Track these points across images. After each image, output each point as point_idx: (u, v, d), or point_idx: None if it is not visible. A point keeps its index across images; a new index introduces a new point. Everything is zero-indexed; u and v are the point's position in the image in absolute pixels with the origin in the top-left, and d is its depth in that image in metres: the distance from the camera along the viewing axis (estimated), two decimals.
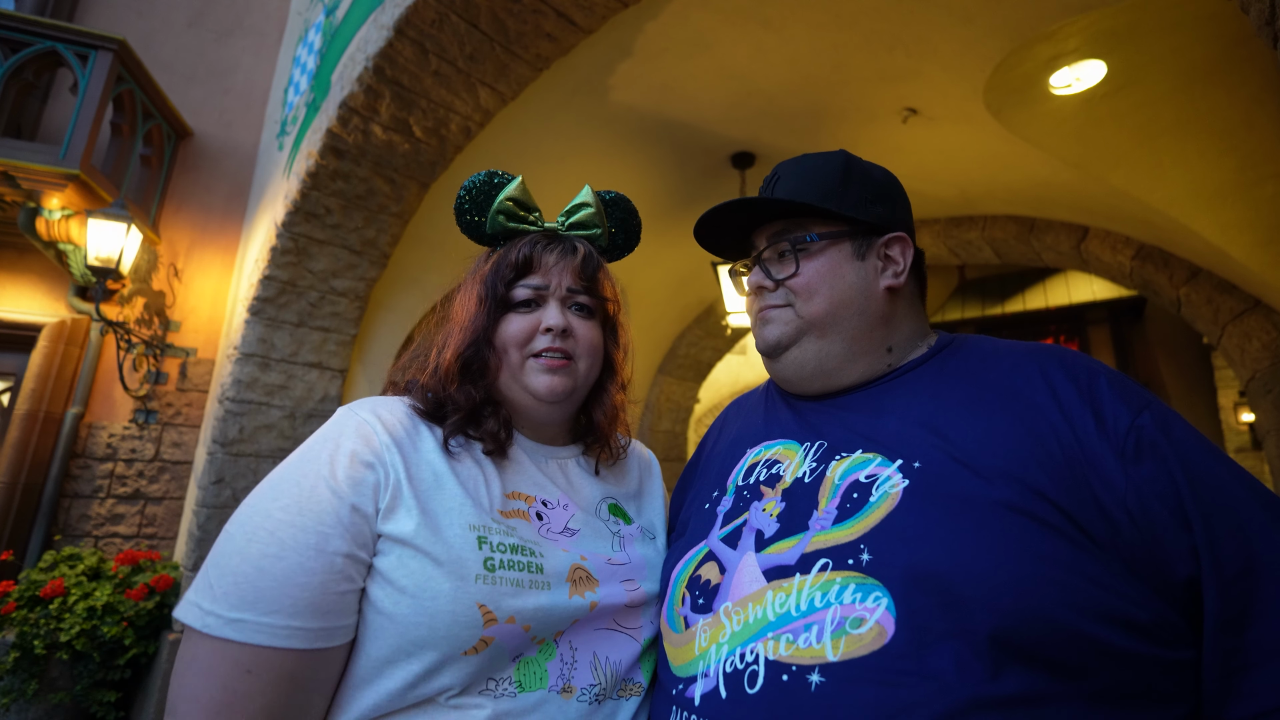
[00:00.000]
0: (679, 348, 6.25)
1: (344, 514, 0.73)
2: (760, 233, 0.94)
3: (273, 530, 0.70)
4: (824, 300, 0.86)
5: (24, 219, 3.83)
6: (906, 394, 0.82)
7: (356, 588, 0.73)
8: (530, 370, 0.90)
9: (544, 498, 0.88)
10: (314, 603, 0.69)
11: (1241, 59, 2.60)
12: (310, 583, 0.69)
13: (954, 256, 5.11)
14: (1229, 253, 3.32)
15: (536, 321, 0.90)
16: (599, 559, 0.85)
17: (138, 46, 4.30)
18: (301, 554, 0.70)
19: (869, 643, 0.62)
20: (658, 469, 1.12)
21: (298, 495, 0.73)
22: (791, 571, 0.71)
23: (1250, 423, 8.11)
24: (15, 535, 3.87)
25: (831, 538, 0.71)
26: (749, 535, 0.79)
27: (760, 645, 0.68)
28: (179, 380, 4.44)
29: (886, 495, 0.70)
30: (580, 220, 0.98)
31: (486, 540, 0.76)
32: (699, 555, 0.84)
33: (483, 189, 0.96)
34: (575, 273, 0.94)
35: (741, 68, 3.17)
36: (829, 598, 0.66)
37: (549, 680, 0.76)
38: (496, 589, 0.73)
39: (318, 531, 0.71)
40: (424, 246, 3.77)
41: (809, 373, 0.88)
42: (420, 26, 2.59)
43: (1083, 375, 0.74)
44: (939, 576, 0.62)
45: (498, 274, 0.92)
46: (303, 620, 0.68)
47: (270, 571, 0.68)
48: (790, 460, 0.84)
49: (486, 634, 0.72)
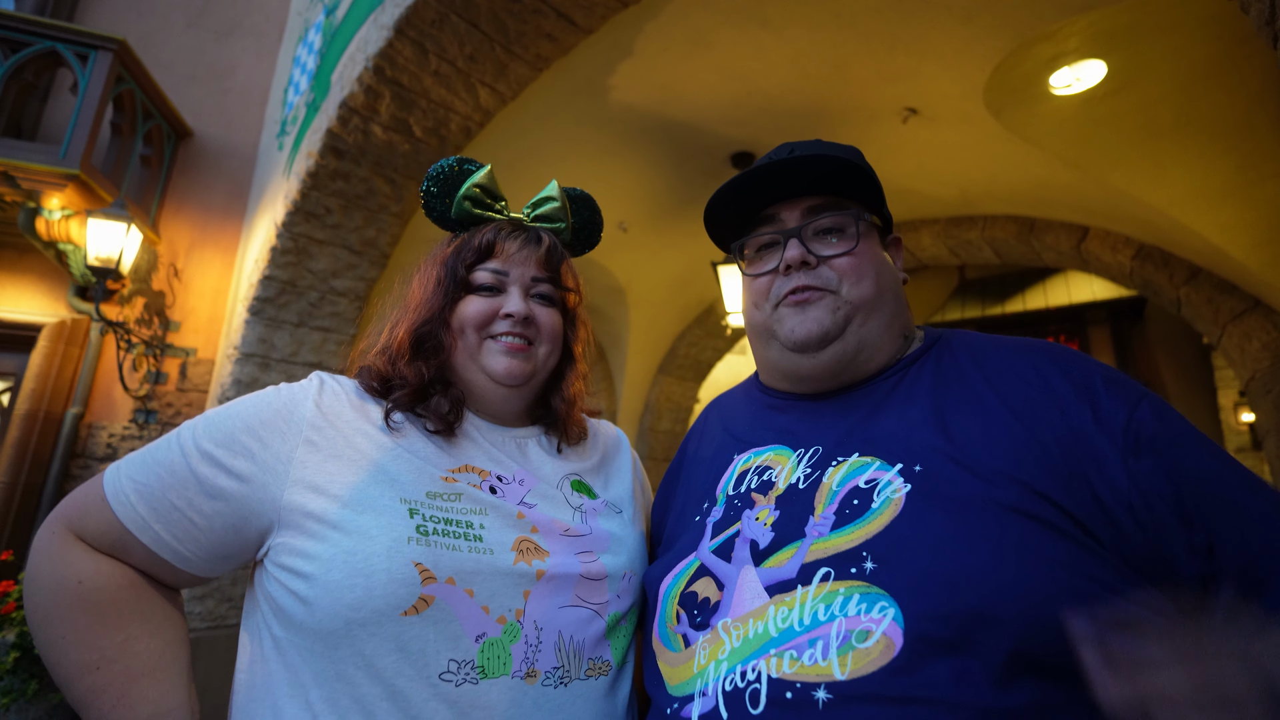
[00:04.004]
0: (679, 348, 6.25)
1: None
2: (785, 206, 0.86)
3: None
4: (873, 282, 0.82)
5: (24, 219, 3.83)
6: (904, 390, 0.80)
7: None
8: (489, 351, 0.91)
9: (499, 473, 0.88)
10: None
11: (1242, 59, 2.60)
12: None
13: (954, 256, 5.11)
14: (1229, 253, 3.31)
15: (496, 306, 0.91)
16: (553, 529, 0.85)
17: (138, 46, 4.29)
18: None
19: (876, 657, 0.60)
20: (626, 445, 1.12)
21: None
22: (793, 585, 0.68)
23: (1250, 423, 8.10)
24: (15, 535, 3.87)
25: (831, 545, 0.68)
26: (743, 546, 0.76)
27: (762, 662, 0.65)
28: (179, 380, 4.44)
29: (889, 501, 0.68)
30: (545, 213, 0.99)
31: (418, 512, 0.77)
32: (690, 569, 0.80)
33: (450, 174, 0.97)
34: (540, 262, 0.95)
35: (741, 68, 3.17)
36: (833, 610, 0.64)
37: (512, 665, 0.74)
38: (433, 550, 0.74)
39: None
40: (424, 246, 3.70)
41: (843, 366, 0.82)
42: (420, 26, 2.59)
43: (1076, 371, 0.73)
44: (947, 585, 0.61)
45: (459, 256, 0.93)
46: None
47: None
48: (782, 466, 0.81)
49: (426, 592, 0.71)
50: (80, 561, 0.76)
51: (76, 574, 0.75)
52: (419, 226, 3.64)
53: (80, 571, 0.76)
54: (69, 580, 0.75)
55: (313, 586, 0.72)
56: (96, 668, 0.73)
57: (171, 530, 0.77)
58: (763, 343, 0.90)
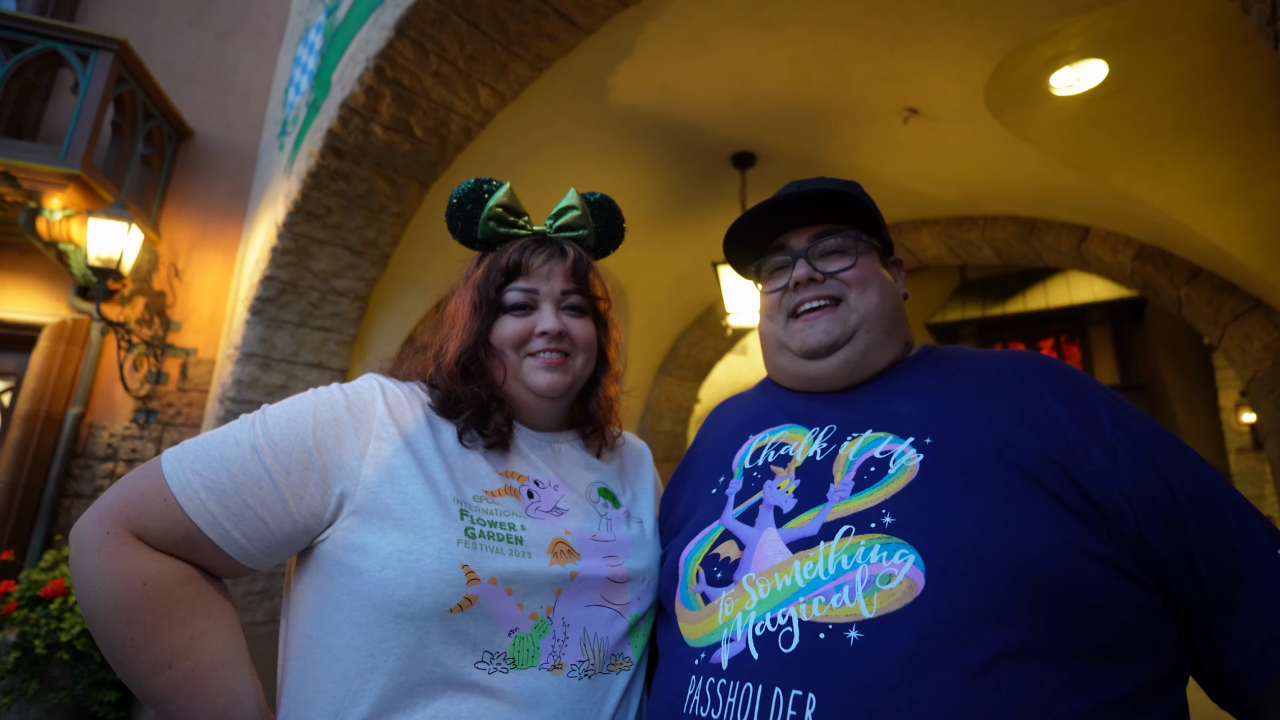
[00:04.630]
0: (679, 348, 6.25)
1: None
2: (793, 234, 0.97)
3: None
4: (876, 293, 0.92)
5: (25, 219, 3.83)
6: (910, 383, 0.88)
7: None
8: (529, 369, 0.95)
9: (536, 478, 0.94)
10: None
11: (1242, 59, 2.60)
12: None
13: (954, 257, 5.11)
14: (1230, 253, 3.31)
15: (531, 325, 0.95)
16: (583, 535, 0.90)
17: (138, 47, 4.30)
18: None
19: (901, 596, 0.65)
20: (649, 459, 1.17)
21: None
22: (815, 541, 0.73)
23: (1251, 423, 8.10)
24: (16, 535, 3.87)
25: (852, 506, 0.74)
26: (766, 512, 0.81)
27: (793, 609, 0.70)
28: (179, 380, 4.44)
29: (905, 468, 0.74)
30: (568, 222, 1.02)
31: (468, 514, 0.82)
32: (714, 534, 0.85)
33: (471, 197, 1.00)
34: (567, 275, 0.98)
35: (742, 68, 3.17)
36: (855, 559, 0.69)
37: (540, 658, 0.79)
38: (478, 553, 0.79)
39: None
40: (424, 246, 3.77)
41: (850, 369, 0.90)
42: (421, 26, 2.59)
43: (1056, 376, 0.82)
44: (964, 535, 0.66)
45: (489, 279, 0.97)
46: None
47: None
48: (799, 442, 0.87)
49: (470, 592, 0.76)
50: (142, 562, 0.76)
51: (141, 575, 0.75)
52: (419, 226, 3.65)
53: (144, 573, 0.75)
54: (134, 582, 0.75)
55: (365, 582, 0.76)
56: (169, 666, 0.75)
57: (242, 528, 0.78)
58: (775, 352, 0.99)
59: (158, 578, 0.76)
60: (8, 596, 3.33)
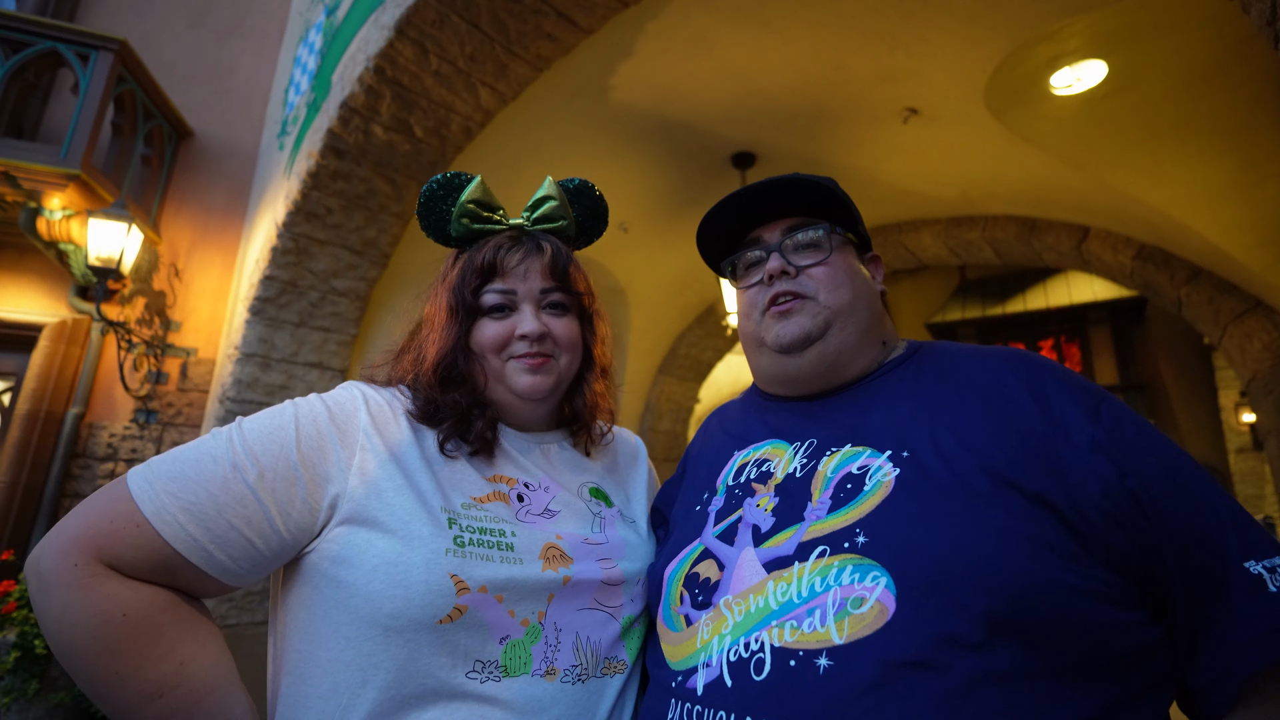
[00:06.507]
0: (679, 348, 6.25)
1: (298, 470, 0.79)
2: (767, 228, 0.96)
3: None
4: (848, 289, 0.90)
5: (25, 219, 3.83)
6: (888, 391, 0.86)
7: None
8: (511, 372, 0.91)
9: (526, 480, 0.91)
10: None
11: (1242, 59, 2.60)
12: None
13: (954, 256, 5.11)
14: (1230, 253, 3.32)
15: (511, 327, 0.91)
16: (575, 538, 0.88)
17: (138, 47, 4.29)
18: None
19: (871, 621, 0.64)
20: (644, 455, 1.13)
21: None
22: (790, 561, 0.73)
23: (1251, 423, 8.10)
24: (16, 535, 3.87)
25: (828, 525, 0.73)
26: (745, 531, 0.80)
27: (765, 633, 0.69)
28: (179, 380, 4.44)
29: (880, 484, 0.73)
30: (545, 214, 0.97)
31: (456, 522, 0.79)
32: (694, 553, 0.85)
33: (440, 193, 0.95)
34: (545, 272, 0.93)
35: (742, 68, 3.17)
36: (828, 580, 0.68)
37: (532, 664, 0.78)
38: (468, 561, 0.76)
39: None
40: (424, 247, 3.77)
41: (827, 367, 0.89)
42: (421, 26, 2.59)
43: (1035, 375, 0.79)
44: (934, 555, 0.65)
45: (464, 281, 0.92)
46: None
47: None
48: (780, 458, 0.86)
49: (460, 602, 0.74)
50: (120, 592, 0.71)
51: (120, 606, 0.70)
52: (419, 227, 3.65)
53: (124, 603, 0.71)
54: (113, 614, 0.70)
55: (352, 595, 0.74)
56: (159, 695, 0.72)
57: (228, 550, 0.74)
58: (755, 350, 0.97)
59: (138, 606, 0.71)
60: (8, 596, 3.33)
